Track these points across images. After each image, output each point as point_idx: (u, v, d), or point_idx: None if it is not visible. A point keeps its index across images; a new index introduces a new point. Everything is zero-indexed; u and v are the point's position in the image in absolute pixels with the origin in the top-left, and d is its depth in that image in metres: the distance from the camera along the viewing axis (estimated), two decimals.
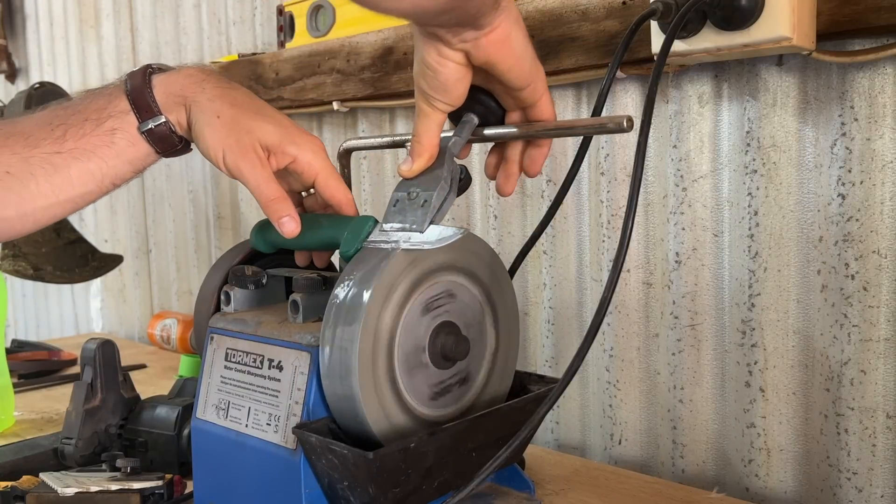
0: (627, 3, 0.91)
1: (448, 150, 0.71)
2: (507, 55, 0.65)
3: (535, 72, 0.68)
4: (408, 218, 0.69)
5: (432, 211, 0.68)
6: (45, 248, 1.57)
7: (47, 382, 1.44)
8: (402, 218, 0.69)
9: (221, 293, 0.81)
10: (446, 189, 0.69)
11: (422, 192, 0.69)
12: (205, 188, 1.73)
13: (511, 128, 0.72)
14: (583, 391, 1.09)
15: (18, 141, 0.69)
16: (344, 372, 0.66)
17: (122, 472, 0.85)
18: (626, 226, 0.62)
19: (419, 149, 0.70)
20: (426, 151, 0.70)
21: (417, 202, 0.69)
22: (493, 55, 0.64)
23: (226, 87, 0.73)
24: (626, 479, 0.92)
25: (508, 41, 0.64)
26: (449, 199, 0.70)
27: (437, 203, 0.68)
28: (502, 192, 0.76)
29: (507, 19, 0.64)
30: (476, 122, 0.72)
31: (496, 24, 0.63)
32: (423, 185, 0.70)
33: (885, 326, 0.82)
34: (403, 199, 0.70)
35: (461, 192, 0.72)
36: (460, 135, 0.72)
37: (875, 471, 0.84)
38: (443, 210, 0.69)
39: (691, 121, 0.94)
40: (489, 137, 0.74)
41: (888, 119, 0.81)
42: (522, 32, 0.66)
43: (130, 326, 2.01)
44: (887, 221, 0.81)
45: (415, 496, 0.69)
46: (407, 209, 0.69)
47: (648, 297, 1.00)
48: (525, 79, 0.68)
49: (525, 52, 0.67)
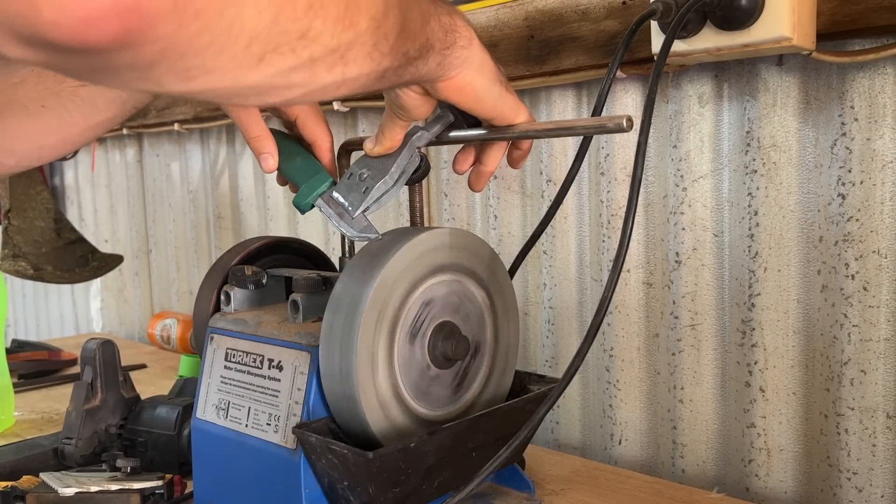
0: (627, 3, 0.91)
1: (411, 143, 0.71)
2: (466, 99, 0.65)
3: (500, 106, 0.67)
4: (349, 196, 0.72)
5: (368, 200, 0.71)
6: (45, 248, 1.57)
7: (47, 382, 1.44)
8: (346, 194, 0.72)
9: (221, 293, 0.81)
10: (389, 184, 0.71)
11: (370, 178, 0.72)
12: (205, 188, 1.73)
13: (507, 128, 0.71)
14: (583, 391, 1.09)
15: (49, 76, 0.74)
16: (344, 372, 0.66)
17: (122, 472, 0.85)
18: (626, 226, 0.62)
19: (381, 139, 0.71)
20: (387, 142, 0.71)
21: (361, 187, 0.72)
22: (451, 98, 0.64)
23: None
24: (626, 479, 0.92)
25: (466, 88, 0.63)
26: (391, 193, 0.72)
27: (375, 195, 0.71)
28: (473, 188, 0.77)
29: (465, 70, 0.62)
30: (451, 119, 0.72)
31: (451, 75, 0.62)
32: (375, 169, 0.72)
33: (885, 326, 0.82)
34: (355, 177, 0.73)
35: (418, 180, 0.75)
36: (429, 130, 0.72)
37: (875, 471, 0.84)
38: (381, 201, 0.72)
39: (691, 121, 0.94)
40: (467, 139, 0.73)
41: (888, 119, 0.81)
42: (484, 76, 0.64)
43: (130, 326, 2.01)
44: (887, 221, 0.81)
45: (415, 496, 0.69)
46: (353, 188, 0.72)
47: (648, 297, 1.00)
48: (489, 114, 0.68)
49: (487, 94, 0.65)
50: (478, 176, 0.76)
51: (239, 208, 1.64)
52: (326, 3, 0.45)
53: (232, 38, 0.40)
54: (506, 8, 1.02)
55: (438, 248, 0.71)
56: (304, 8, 0.43)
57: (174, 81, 0.41)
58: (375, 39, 0.50)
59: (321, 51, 0.46)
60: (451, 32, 0.59)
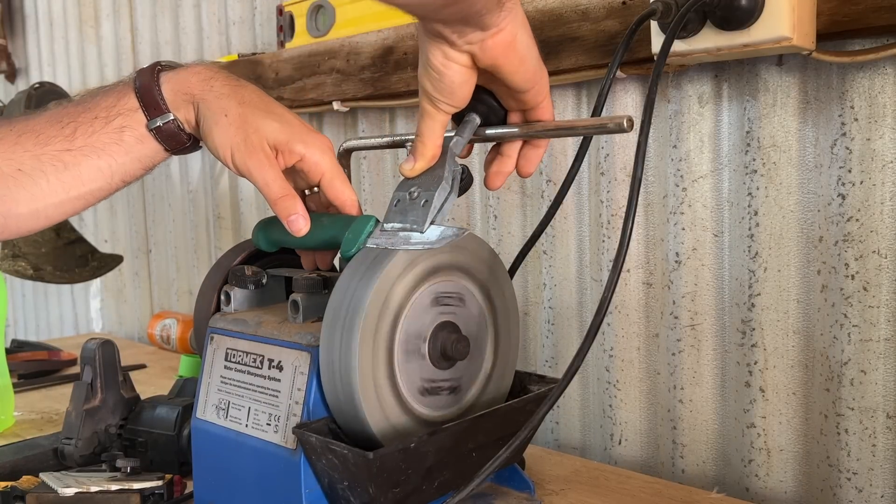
0: (627, 3, 0.91)
1: (450, 150, 0.70)
2: (512, 58, 0.65)
3: (539, 74, 0.68)
4: (408, 218, 0.69)
5: (433, 211, 0.68)
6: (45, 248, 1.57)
7: (47, 382, 1.44)
8: (403, 217, 0.69)
9: (221, 293, 0.81)
10: (447, 189, 0.69)
11: (423, 192, 0.69)
12: (205, 188, 1.73)
13: (513, 128, 0.72)
14: (583, 391, 1.09)
15: (30, 139, 0.70)
16: (344, 372, 0.66)
17: (122, 472, 0.85)
18: (626, 226, 0.62)
19: (422, 149, 0.69)
20: (429, 152, 0.70)
21: (418, 202, 0.69)
22: (498, 58, 0.64)
23: (234, 85, 0.73)
24: (626, 479, 0.92)
25: (514, 44, 0.64)
26: (450, 199, 0.70)
27: (437, 203, 0.68)
28: (490, 186, 0.76)
29: (514, 21, 0.63)
30: (478, 121, 0.72)
31: (502, 25, 0.62)
32: (424, 184, 0.70)
33: (885, 326, 0.82)
34: (404, 199, 0.70)
35: (462, 191, 0.72)
36: (462, 135, 0.71)
37: (875, 471, 0.84)
38: (444, 210, 0.69)
39: (691, 121, 0.94)
40: (491, 137, 0.73)
41: (888, 119, 0.81)
42: (528, 34, 0.65)
43: (130, 326, 2.01)
44: (887, 221, 0.81)
45: (415, 496, 0.69)
46: (408, 209, 0.69)
47: (648, 297, 1.00)
48: (529, 81, 0.68)
49: (530, 55, 0.66)
50: (497, 174, 0.75)
51: (239, 208, 1.64)
52: None
53: None
54: None
55: (438, 248, 0.71)
56: None
57: None
58: None
59: None
60: None
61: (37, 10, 2.28)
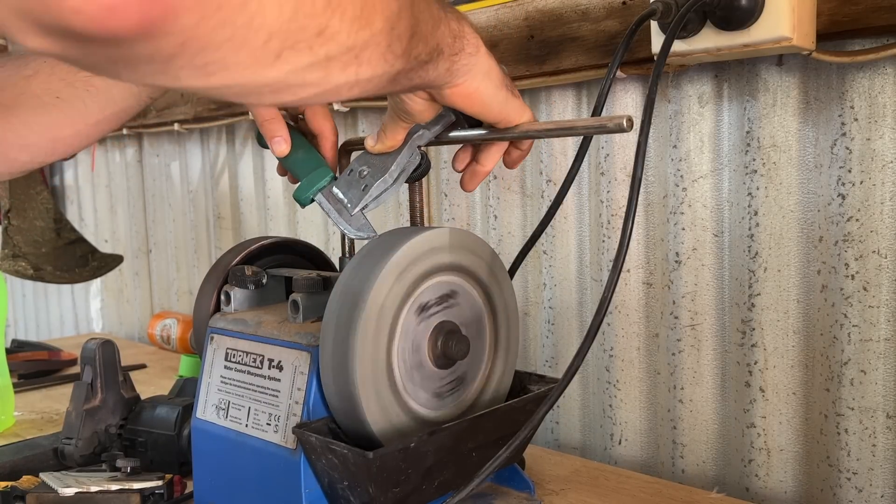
0: (627, 3, 0.91)
1: (412, 141, 0.71)
2: (473, 104, 0.65)
3: (505, 110, 0.67)
4: (349, 193, 0.72)
5: (367, 198, 0.72)
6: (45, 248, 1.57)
7: (47, 382, 1.44)
8: (346, 191, 0.73)
9: (221, 293, 0.81)
10: (389, 182, 0.72)
11: (369, 176, 0.72)
12: (205, 188, 1.73)
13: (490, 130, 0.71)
14: (583, 391, 1.09)
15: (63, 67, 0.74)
16: (344, 372, 0.66)
17: (122, 472, 0.85)
18: (626, 226, 0.62)
19: (382, 138, 0.71)
20: (388, 142, 0.71)
21: (361, 184, 0.72)
22: (458, 104, 0.65)
23: None
24: (626, 479, 0.92)
25: (474, 95, 0.64)
26: (390, 191, 0.73)
27: (374, 193, 0.72)
28: (465, 188, 0.77)
29: (472, 77, 0.62)
30: (453, 118, 0.72)
31: (458, 81, 0.62)
32: (375, 167, 0.72)
33: (885, 326, 0.82)
34: (355, 173, 0.73)
35: (418, 178, 0.76)
36: (430, 129, 0.72)
37: (875, 471, 0.84)
38: (380, 199, 0.72)
39: (691, 121, 0.94)
40: (469, 139, 0.73)
41: (888, 119, 0.81)
42: (491, 81, 0.64)
43: (130, 326, 2.01)
44: (887, 221, 0.81)
45: (415, 496, 0.69)
46: (353, 184, 0.73)
47: (648, 297, 1.00)
48: (494, 118, 0.68)
49: (493, 100, 0.65)
50: (472, 175, 0.76)
51: (239, 208, 1.64)
52: (344, 1, 0.45)
53: (252, 32, 0.40)
54: (506, 8, 1.02)
55: (438, 248, 0.71)
56: (322, 5, 0.43)
57: (192, 76, 0.41)
58: (389, 41, 0.50)
59: (337, 49, 0.46)
60: (459, 38, 0.59)
61: None
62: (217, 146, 1.67)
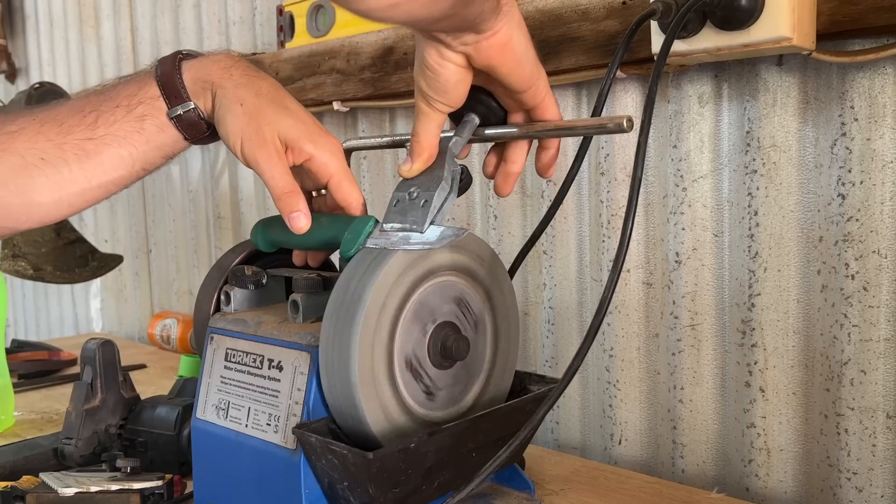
0: (627, 3, 0.91)
1: (448, 150, 0.70)
2: (507, 59, 0.65)
3: (536, 75, 0.68)
4: (408, 218, 0.69)
5: (433, 211, 0.68)
6: (45, 248, 1.57)
7: (47, 382, 1.44)
8: (403, 218, 0.69)
9: (221, 293, 0.81)
10: (447, 189, 0.69)
11: (422, 192, 0.69)
12: (205, 188, 1.73)
13: (511, 127, 0.72)
14: (583, 391, 1.09)
15: (52, 128, 0.71)
16: (344, 372, 0.66)
17: (122, 472, 0.85)
18: (626, 226, 0.62)
19: (418, 148, 0.70)
20: (425, 151, 0.70)
21: (418, 202, 0.69)
22: (493, 59, 0.64)
23: (253, 76, 0.73)
24: (626, 479, 0.92)
25: (509, 45, 0.64)
26: (449, 199, 0.70)
27: (437, 203, 0.68)
28: (500, 192, 0.76)
29: (509, 23, 0.63)
30: (477, 121, 0.72)
31: (497, 28, 0.62)
32: (424, 185, 0.70)
33: (885, 326, 0.82)
34: (404, 199, 0.70)
35: (462, 192, 0.72)
36: (461, 135, 0.71)
37: (875, 471, 0.84)
38: (443, 210, 0.69)
39: (691, 121, 0.94)
40: (490, 137, 0.73)
41: (888, 119, 0.81)
42: (524, 36, 0.65)
43: (130, 326, 2.01)
44: (887, 221, 0.81)
45: (415, 496, 0.69)
46: (407, 209, 0.69)
47: (648, 297, 1.00)
48: (526, 82, 0.68)
49: (526, 56, 0.66)
50: (505, 177, 0.75)
51: (239, 208, 1.64)
52: None
53: None
54: None
55: (439, 248, 0.71)
56: None
57: None
58: None
59: None
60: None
61: (37, 10, 2.28)
62: (217, 146, 1.67)
